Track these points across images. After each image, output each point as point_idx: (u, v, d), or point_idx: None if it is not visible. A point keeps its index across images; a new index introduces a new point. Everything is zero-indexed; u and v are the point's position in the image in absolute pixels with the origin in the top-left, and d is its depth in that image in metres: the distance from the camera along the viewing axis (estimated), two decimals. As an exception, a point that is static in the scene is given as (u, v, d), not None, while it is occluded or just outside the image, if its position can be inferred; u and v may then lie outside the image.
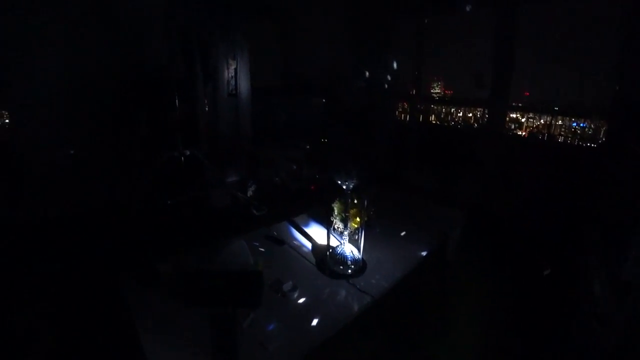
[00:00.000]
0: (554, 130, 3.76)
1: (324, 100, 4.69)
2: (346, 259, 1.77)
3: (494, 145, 3.79)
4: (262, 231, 2.18)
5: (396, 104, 5.07)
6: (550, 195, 3.22)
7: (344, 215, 1.77)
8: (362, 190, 1.77)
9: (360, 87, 4.25)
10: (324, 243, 1.91)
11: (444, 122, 4.80)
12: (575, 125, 3.62)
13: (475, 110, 4.48)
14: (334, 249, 1.82)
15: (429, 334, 1.94)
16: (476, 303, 2.23)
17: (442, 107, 4.82)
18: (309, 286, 1.65)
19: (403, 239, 2.15)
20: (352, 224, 1.77)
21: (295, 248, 2.02)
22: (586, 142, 3.53)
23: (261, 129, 4.07)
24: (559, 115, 3.70)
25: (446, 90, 4.84)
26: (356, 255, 1.79)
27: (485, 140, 3.89)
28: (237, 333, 1.03)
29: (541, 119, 3.86)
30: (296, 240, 2.12)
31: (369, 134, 4.59)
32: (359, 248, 1.81)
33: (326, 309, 1.51)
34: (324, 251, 1.88)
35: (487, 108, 3.99)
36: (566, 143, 3.63)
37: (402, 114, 5.11)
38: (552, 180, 3.25)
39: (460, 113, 4.65)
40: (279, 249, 2.00)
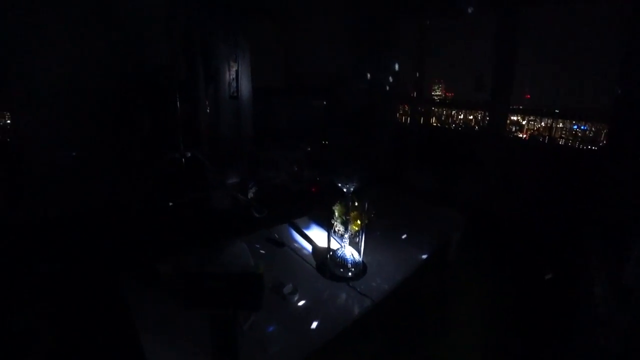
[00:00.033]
0: (554, 132, 3.76)
1: (324, 101, 4.69)
2: (347, 261, 1.77)
3: (494, 148, 3.79)
4: (263, 233, 2.17)
5: (397, 106, 5.07)
6: (551, 197, 3.21)
7: (344, 217, 1.77)
8: (363, 192, 1.77)
9: (361, 89, 4.24)
10: (325, 245, 1.90)
11: (445, 124, 4.80)
12: (576, 128, 3.62)
13: (476, 113, 4.48)
14: (334, 251, 1.81)
15: (430, 336, 1.94)
16: (477, 305, 2.22)
17: (443, 109, 4.82)
18: (310, 289, 1.64)
19: (404, 242, 2.15)
20: (353, 226, 1.78)
21: (296, 250, 2.02)
22: (587, 145, 3.53)
23: (262, 130, 4.07)
24: (560, 118, 3.71)
25: (447, 93, 4.84)
26: (357, 258, 1.79)
27: (486, 143, 3.89)
28: (238, 335, 1.02)
29: (542, 122, 3.86)
30: (297, 242, 2.11)
31: (370, 136, 4.58)
32: (359, 251, 1.81)
33: (326, 311, 1.51)
34: (325, 254, 1.88)
35: (488, 110, 3.99)
36: (567, 145, 3.64)
37: (403, 116, 5.11)
38: (553, 183, 3.25)
39: (461, 115, 4.65)
40: (279, 251, 2.00)
